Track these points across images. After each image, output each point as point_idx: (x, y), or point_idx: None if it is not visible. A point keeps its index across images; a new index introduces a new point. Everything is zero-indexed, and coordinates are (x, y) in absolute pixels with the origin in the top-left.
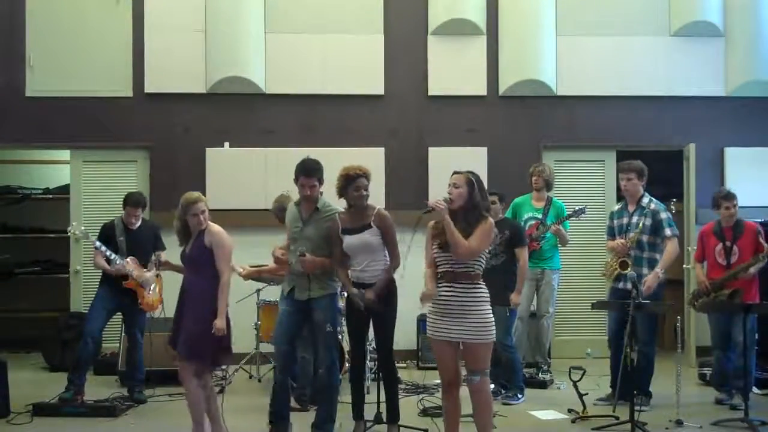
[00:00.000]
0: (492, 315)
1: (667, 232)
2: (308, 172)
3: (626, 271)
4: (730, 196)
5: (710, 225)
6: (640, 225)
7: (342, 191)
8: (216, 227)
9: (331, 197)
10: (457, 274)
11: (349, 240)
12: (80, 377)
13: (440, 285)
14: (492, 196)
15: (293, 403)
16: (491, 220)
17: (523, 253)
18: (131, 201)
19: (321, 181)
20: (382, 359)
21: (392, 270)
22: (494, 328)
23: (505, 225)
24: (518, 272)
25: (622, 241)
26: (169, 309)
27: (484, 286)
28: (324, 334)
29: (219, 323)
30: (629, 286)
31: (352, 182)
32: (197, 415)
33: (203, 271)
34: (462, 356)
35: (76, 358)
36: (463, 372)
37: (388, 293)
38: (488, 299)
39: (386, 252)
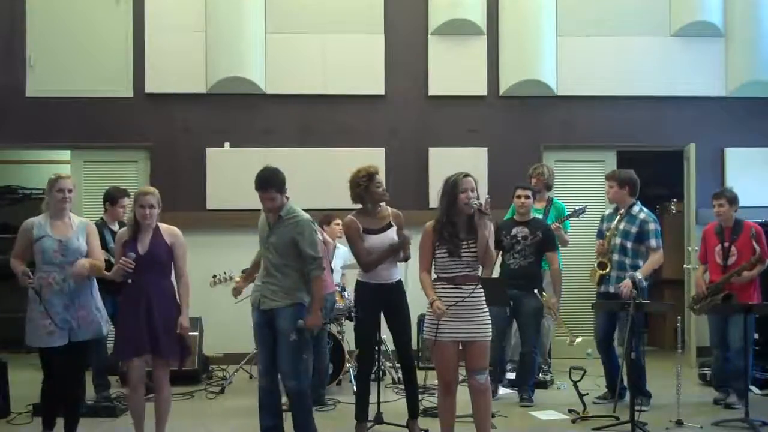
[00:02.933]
0: None
1: (653, 243)
2: (262, 185)
3: (604, 272)
4: (717, 195)
5: (713, 224)
6: (618, 227)
7: (365, 191)
8: (173, 228)
9: (303, 201)
10: (468, 277)
11: (373, 240)
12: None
13: (444, 287)
14: (525, 191)
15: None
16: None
17: (554, 257)
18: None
19: (280, 190)
20: (404, 355)
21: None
22: None
23: (538, 226)
24: (553, 276)
25: (601, 241)
26: None
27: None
28: (288, 344)
29: (185, 321)
30: (611, 289)
31: (373, 179)
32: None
33: (166, 270)
34: (465, 356)
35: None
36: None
37: (399, 292)
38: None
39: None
